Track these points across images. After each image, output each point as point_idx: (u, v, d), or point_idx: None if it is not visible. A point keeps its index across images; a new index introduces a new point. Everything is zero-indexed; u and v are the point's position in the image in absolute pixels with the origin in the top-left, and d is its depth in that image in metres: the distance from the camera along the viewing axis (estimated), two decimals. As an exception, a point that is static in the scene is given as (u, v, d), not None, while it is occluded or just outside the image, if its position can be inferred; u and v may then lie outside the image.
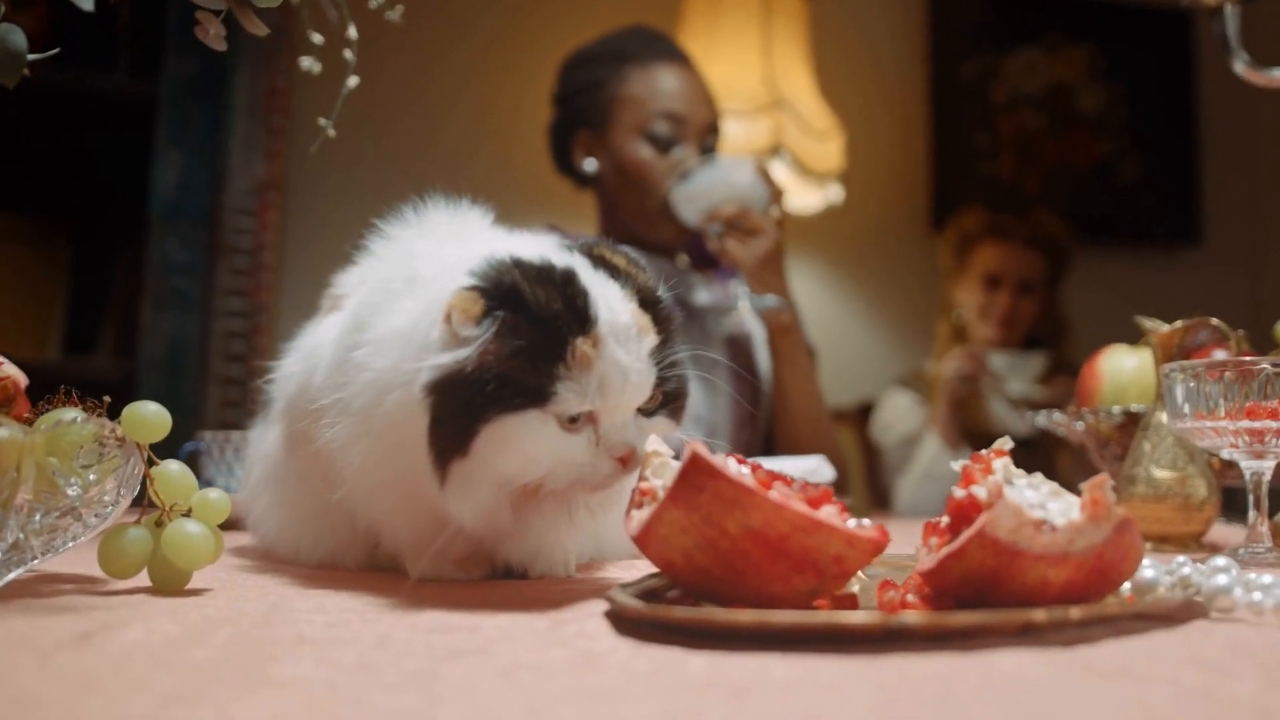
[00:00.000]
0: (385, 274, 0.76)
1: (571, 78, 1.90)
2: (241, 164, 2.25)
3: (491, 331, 0.65)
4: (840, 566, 0.58)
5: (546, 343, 0.67)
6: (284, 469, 0.85)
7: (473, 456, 0.66)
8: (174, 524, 0.67)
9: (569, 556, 0.79)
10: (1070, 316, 2.73)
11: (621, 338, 0.69)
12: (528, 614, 0.60)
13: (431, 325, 0.68)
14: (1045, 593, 0.57)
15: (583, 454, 0.69)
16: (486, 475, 0.67)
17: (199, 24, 0.72)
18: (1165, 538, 1.05)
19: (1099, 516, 0.58)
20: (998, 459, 0.63)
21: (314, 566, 0.83)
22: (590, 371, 0.67)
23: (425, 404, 0.67)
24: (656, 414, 0.73)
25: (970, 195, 3.12)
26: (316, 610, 0.62)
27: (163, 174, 2.23)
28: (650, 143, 1.78)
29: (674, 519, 0.57)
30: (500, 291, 0.67)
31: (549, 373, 0.66)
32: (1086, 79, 3.41)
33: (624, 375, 0.69)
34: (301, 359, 0.82)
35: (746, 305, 1.72)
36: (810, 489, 0.59)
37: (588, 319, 0.68)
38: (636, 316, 0.71)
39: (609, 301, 0.70)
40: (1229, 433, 0.89)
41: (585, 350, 0.67)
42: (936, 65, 3.31)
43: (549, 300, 0.67)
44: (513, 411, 0.66)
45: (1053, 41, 3.39)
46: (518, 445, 0.66)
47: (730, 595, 0.57)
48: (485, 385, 0.65)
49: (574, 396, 0.67)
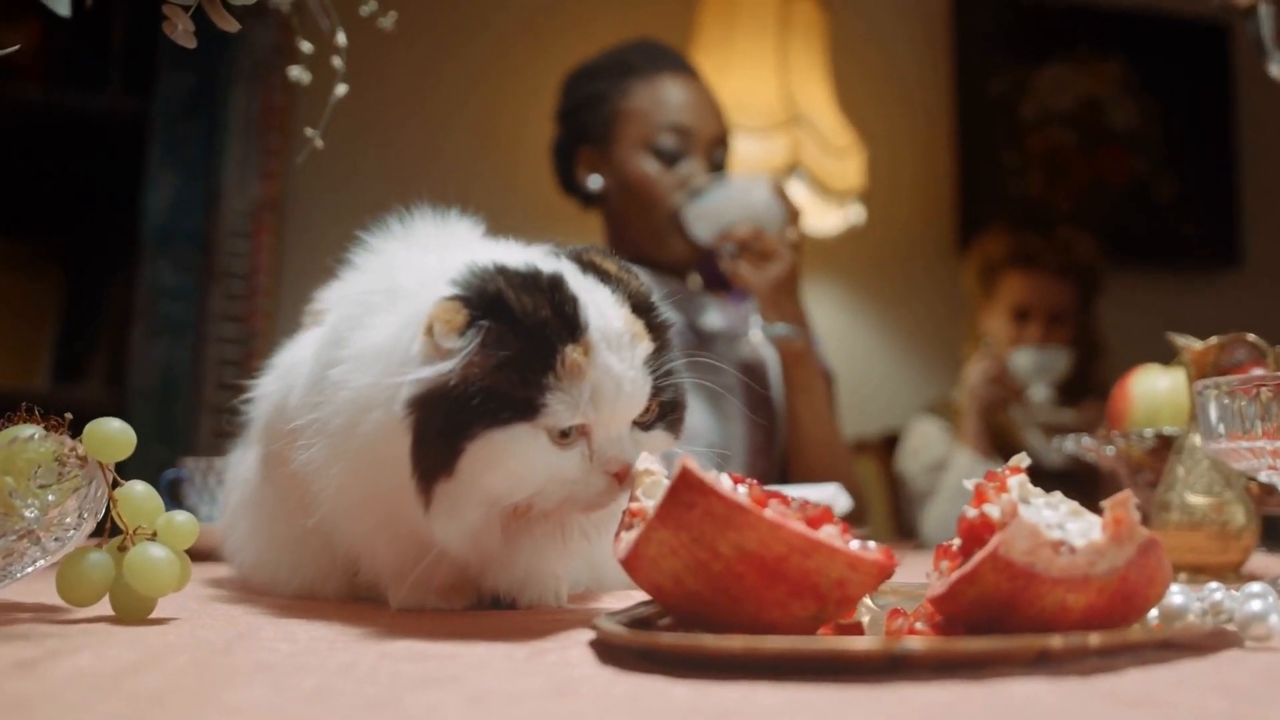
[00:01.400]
0: (365, 286, 0.75)
1: (573, 93, 1.90)
2: (236, 184, 2.26)
3: (476, 342, 0.64)
4: (843, 591, 0.56)
5: (534, 352, 0.65)
6: (261, 493, 0.84)
7: (458, 476, 0.65)
8: (137, 548, 0.66)
9: (560, 585, 0.78)
10: (1105, 340, 2.71)
11: (614, 344, 0.68)
12: (508, 642, 0.59)
13: (412, 339, 0.66)
14: (1064, 619, 0.55)
15: (576, 471, 0.67)
16: (473, 496, 0.66)
17: (166, 20, 0.71)
18: (1201, 568, 1.03)
19: (1122, 537, 0.56)
20: (1013, 476, 0.61)
21: (291, 596, 0.82)
22: (582, 381, 0.66)
23: (407, 422, 0.65)
24: (654, 427, 0.71)
25: (998, 216, 3.10)
26: (284, 638, 0.60)
27: (154, 195, 2.23)
28: (656, 157, 1.78)
29: (662, 539, 0.55)
30: (484, 300, 0.65)
31: (538, 384, 0.65)
32: (1119, 93, 3.39)
33: (618, 384, 0.67)
34: (279, 377, 0.81)
35: (759, 333, 1.71)
36: (810, 508, 0.57)
37: (577, 326, 0.67)
38: (629, 322, 0.70)
39: (599, 307, 0.69)
40: (1266, 453, 0.86)
41: (576, 359, 0.66)
42: (962, 80, 3.30)
43: (536, 307, 0.66)
44: (500, 426, 0.64)
45: (1083, 55, 3.37)
46: (506, 463, 0.65)
47: (724, 622, 0.56)
48: (470, 400, 0.64)
49: (565, 409, 0.65)
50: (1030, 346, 2.51)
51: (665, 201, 1.77)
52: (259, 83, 2.26)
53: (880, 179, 2.97)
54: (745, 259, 1.67)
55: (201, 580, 0.93)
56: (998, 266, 2.59)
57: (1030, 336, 2.55)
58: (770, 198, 1.69)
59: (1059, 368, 2.50)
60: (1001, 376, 2.43)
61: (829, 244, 3.01)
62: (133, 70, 2.31)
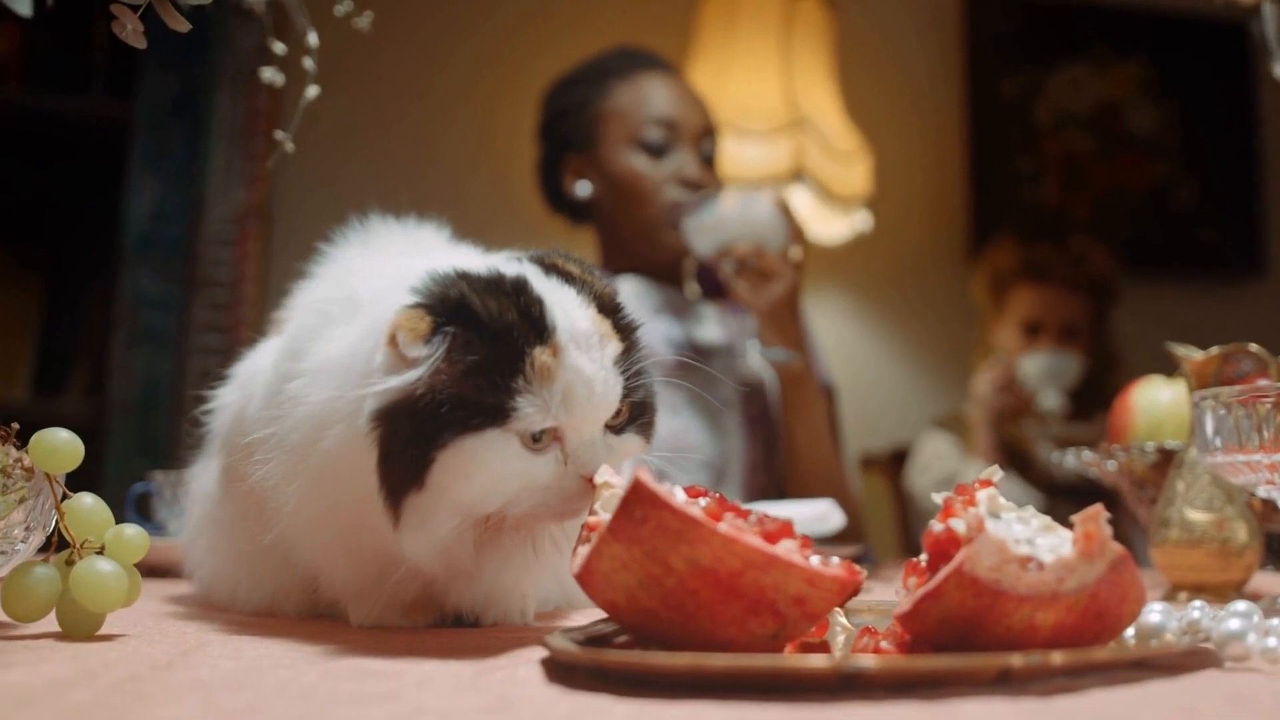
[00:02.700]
0: (322, 295, 0.76)
1: (553, 104, 1.93)
2: (220, 191, 2.27)
3: (442, 349, 0.65)
4: (802, 608, 0.56)
5: (502, 356, 0.66)
6: (220, 508, 0.84)
7: (429, 488, 0.65)
8: (84, 562, 0.66)
9: (527, 603, 0.78)
10: (1122, 353, 2.70)
11: (583, 345, 0.69)
12: (460, 660, 0.59)
13: (373, 350, 0.67)
14: (1033, 637, 0.55)
15: (549, 476, 0.68)
16: (445, 507, 0.66)
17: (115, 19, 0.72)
18: (1201, 587, 1.03)
19: (1092, 553, 0.56)
20: (982, 489, 0.61)
21: (250, 613, 0.82)
22: (552, 383, 0.67)
23: (372, 436, 0.66)
24: (625, 430, 0.72)
25: (1011, 224, 3.09)
26: (230, 655, 0.61)
27: (136, 201, 2.25)
28: (644, 151, 1.79)
29: (615, 554, 0.56)
30: (447, 306, 0.66)
31: (507, 388, 0.66)
32: (1138, 96, 3.39)
33: (589, 386, 0.68)
34: (238, 388, 0.82)
35: (756, 355, 1.70)
36: (768, 522, 0.57)
37: (545, 328, 0.68)
38: (597, 323, 0.71)
39: (565, 309, 0.69)
40: (1264, 467, 0.86)
41: (545, 361, 0.67)
42: (974, 82, 3.30)
43: (501, 311, 0.67)
44: (471, 433, 0.65)
45: (1100, 56, 3.37)
46: (478, 471, 0.66)
47: (680, 640, 0.56)
48: (439, 408, 0.65)
49: (536, 411, 0.66)
50: (1039, 352, 2.51)
51: (656, 195, 1.78)
52: (244, 86, 2.27)
53: (889, 185, 2.97)
54: (745, 277, 1.66)
55: (161, 596, 0.93)
56: (1007, 279, 2.59)
57: (1044, 350, 2.54)
58: (773, 213, 1.68)
59: (1070, 373, 2.50)
60: (1010, 384, 2.43)
61: (835, 252, 3.01)
62: (115, 73, 2.33)
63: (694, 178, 1.78)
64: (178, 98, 2.27)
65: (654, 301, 1.82)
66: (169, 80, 2.28)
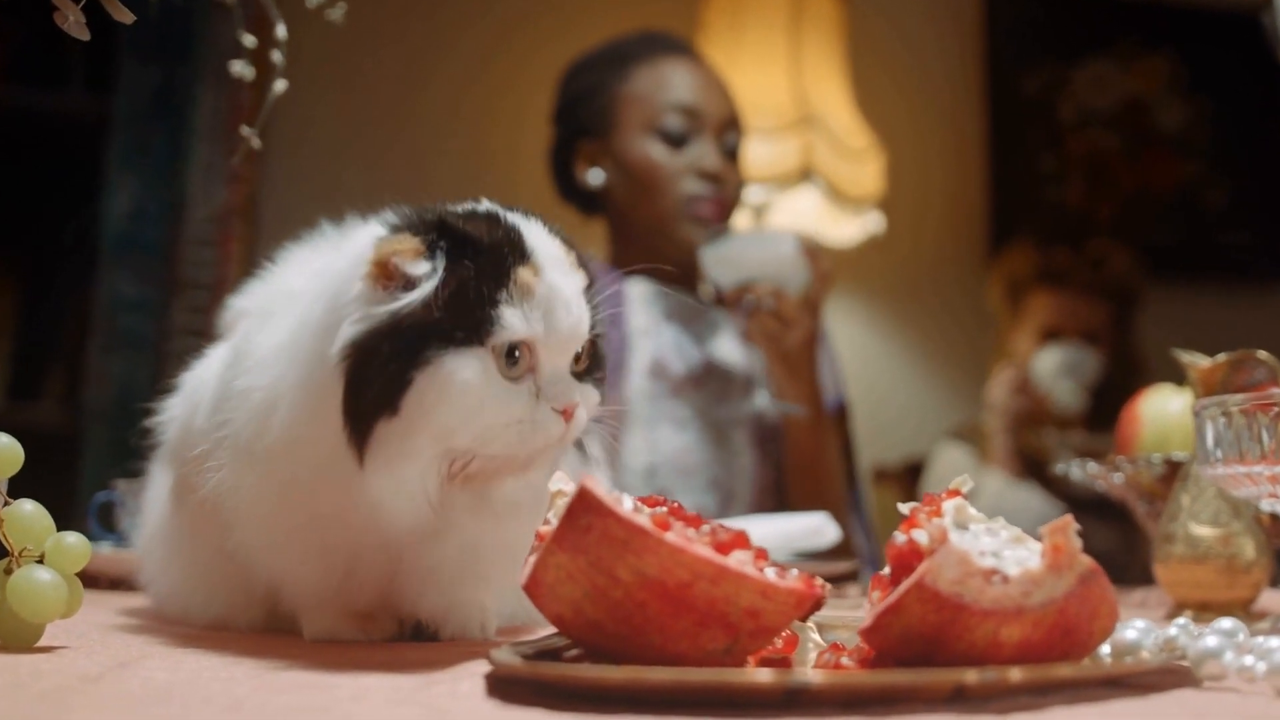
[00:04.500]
0: (262, 293, 0.80)
1: (570, 87, 1.91)
2: (202, 189, 2.29)
3: (443, 263, 0.69)
4: (756, 622, 0.56)
5: (488, 272, 0.70)
6: (172, 522, 0.86)
7: (405, 413, 0.68)
8: (22, 571, 0.67)
9: (487, 616, 0.79)
10: (1147, 361, 2.69)
11: (558, 267, 0.74)
12: (403, 674, 0.60)
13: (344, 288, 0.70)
14: (997, 654, 0.56)
15: (523, 409, 0.71)
16: (419, 435, 0.69)
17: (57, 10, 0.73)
18: (1207, 605, 1.02)
19: (1060, 565, 0.56)
20: (949, 499, 0.62)
21: (204, 626, 0.83)
22: (533, 298, 0.71)
23: (339, 370, 0.68)
24: (586, 378, 0.76)
25: (1033, 225, 3.09)
26: (168, 668, 0.61)
27: (114, 200, 2.26)
28: (662, 139, 1.77)
29: (560, 564, 0.56)
30: (430, 227, 0.71)
31: (492, 301, 0.70)
32: (1166, 93, 3.38)
33: (567, 305, 0.72)
34: (185, 398, 0.84)
35: (765, 403, 1.71)
36: (721, 532, 0.58)
37: (525, 249, 0.72)
38: (566, 251, 0.76)
39: (538, 236, 0.74)
40: (1265, 480, 0.86)
41: (527, 278, 0.71)
42: (994, 78, 3.31)
43: (482, 232, 0.71)
44: (454, 348, 0.68)
45: (1126, 51, 3.37)
46: (459, 391, 0.68)
47: (629, 654, 0.56)
48: (422, 327, 0.68)
49: (519, 321, 0.70)
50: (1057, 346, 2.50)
51: (673, 186, 1.76)
52: (227, 81, 2.28)
53: (904, 185, 2.97)
54: (760, 320, 1.66)
55: (117, 609, 0.94)
56: (1023, 284, 2.59)
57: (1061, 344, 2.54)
58: (796, 255, 1.67)
59: (1087, 366, 2.49)
60: (1025, 386, 2.43)
61: (847, 255, 3.00)
62: (95, 67, 2.35)
63: (713, 169, 1.77)
64: (157, 93, 2.28)
65: (665, 307, 1.81)
66: (150, 75, 2.30)
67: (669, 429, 1.73)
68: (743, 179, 1.89)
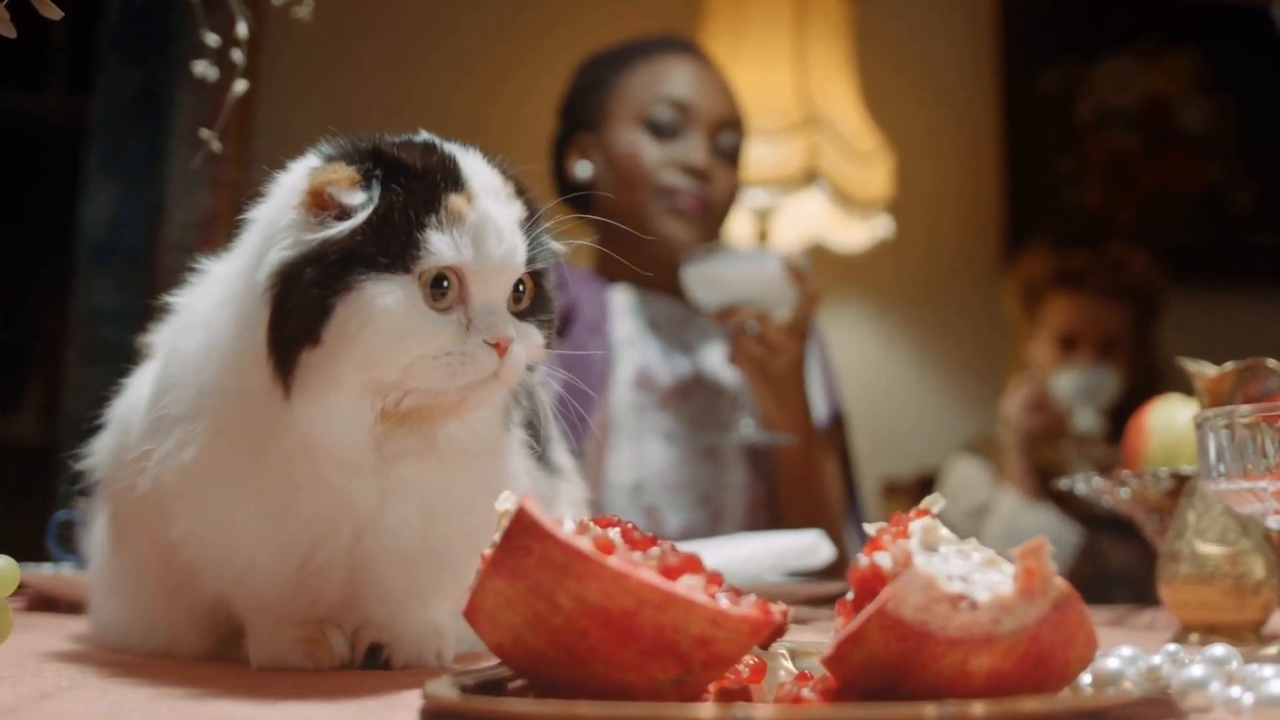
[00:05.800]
0: (181, 305, 0.82)
1: (575, 81, 1.93)
2: (182, 194, 2.28)
3: (378, 191, 0.69)
4: (708, 651, 0.55)
5: (418, 199, 0.71)
6: (111, 559, 0.87)
7: (327, 342, 0.68)
8: (-54, 596, 0.66)
9: (444, 642, 0.78)
10: (1168, 369, 2.67)
11: (493, 196, 0.73)
12: (336, 702, 0.59)
13: (276, 220, 0.71)
14: (965, 685, 0.54)
15: (451, 340, 0.71)
16: (343, 364, 0.69)
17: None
18: (1214, 627, 1.01)
19: (1033, 591, 0.55)
20: (917, 520, 0.60)
21: (147, 655, 0.82)
22: (464, 224, 0.71)
23: (266, 297, 0.69)
24: (528, 318, 0.75)
25: (1051, 229, 3.06)
26: (92, 698, 0.61)
27: (92, 206, 2.26)
28: (649, 131, 1.77)
29: (499, 590, 0.55)
30: (368, 155, 0.71)
31: (420, 225, 0.70)
32: (1189, 91, 3.36)
33: (499, 233, 0.72)
34: (114, 430, 0.85)
35: (750, 432, 1.69)
36: (670, 556, 0.56)
37: (459, 177, 0.73)
38: (503, 182, 0.76)
39: (474, 165, 0.75)
40: (1269, 495, 0.85)
41: (459, 205, 0.71)
42: (1010, 75, 3.29)
43: (414, 159, 0.72)
44: (377, 274, 0.69)
45: (1148, 47, 3.35)
46: (380, 319, 0.68)
47: (574, 684, 0.55)
48: (349, 253, 0.68)
49: (446, 247, 0.70)
50: (1075, 368, 2.48)
51: (652, 177, 1.75)
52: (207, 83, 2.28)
53: (916, 188, 2.95)
54: (745, 344, 1.64)
55: (64, 634, 0.93)
56: (1039, 289, 2.57)
57: (1079, 366, 2.52)
58: (782, 278, 1.65)
59: (1107, 390, 2.47)
60: (1042, 404, 2.41)
61: (854, 261, 2.99)
62: (74, 69, 2.35)
63: (698, 165, 1.76)
64: (136, 95, 2.28)
65: (649, 316, 1.80)
66: (129, 76, 2.30)
67: (656, 443, 1.71)
68: (738, 183, 1.87)
